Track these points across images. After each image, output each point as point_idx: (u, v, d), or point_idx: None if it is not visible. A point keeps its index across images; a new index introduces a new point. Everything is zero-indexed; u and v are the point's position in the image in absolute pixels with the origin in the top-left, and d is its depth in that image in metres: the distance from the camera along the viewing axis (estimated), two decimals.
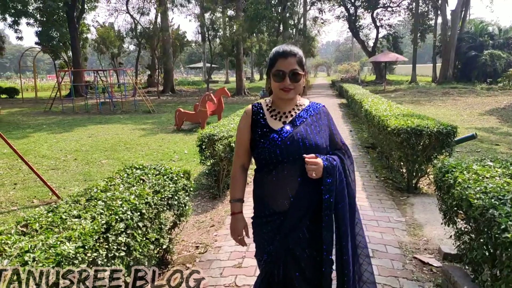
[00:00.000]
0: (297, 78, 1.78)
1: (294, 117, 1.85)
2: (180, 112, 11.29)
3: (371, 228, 3.74)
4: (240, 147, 1.93)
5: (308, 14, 35.43)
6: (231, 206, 1.98)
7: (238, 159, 1.96)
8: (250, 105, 1.96)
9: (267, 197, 1.84)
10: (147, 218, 2.49)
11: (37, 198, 5.26)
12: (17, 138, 10.26)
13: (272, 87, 1.83)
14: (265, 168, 1.82)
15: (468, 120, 11.72)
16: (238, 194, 1.96)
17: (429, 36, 39.80)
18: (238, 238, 1.98)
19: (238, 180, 1.96)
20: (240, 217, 1.96)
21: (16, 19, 25.01)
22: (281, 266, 1.84)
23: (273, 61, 1.79)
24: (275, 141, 1.76)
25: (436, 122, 4.85)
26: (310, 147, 1.77)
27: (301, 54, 1.82)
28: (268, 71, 1.84)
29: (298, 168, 1.75)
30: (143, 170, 3.18)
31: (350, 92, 14.46)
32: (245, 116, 1.90)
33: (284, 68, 1.76)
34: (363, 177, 5.63)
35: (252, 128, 1.86)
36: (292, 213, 1.77)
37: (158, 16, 27.98)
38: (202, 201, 4.94)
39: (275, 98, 1.88)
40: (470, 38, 29.45)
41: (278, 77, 1.78)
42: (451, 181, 2.59)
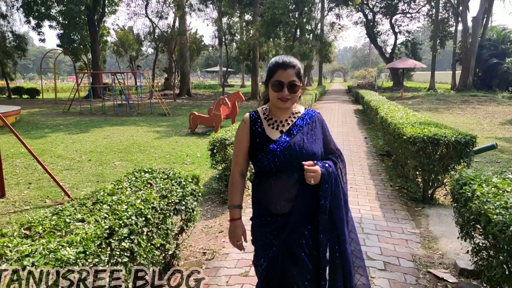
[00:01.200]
0: (295, 89, 1.86)
1: (290, 126, 1.91)
2: (194, 116, 11.32)
3: (384, 239, 3.62)
4: (239, 155, 1.98)
5: (326, 20, 35.29)
6: (230, 212, 2.01)
7: (237, 166, 2.00)
8: (247, 113, 2.00)
9: (266, 202, 1.89)
10: (152, 224, 2.45)
11: (50, 198, 5.31)
12: (35, 138, 10.46)
13: (270, 96, 1.91)
14: (264, 176, 1.88)
15: (488, 129, 11.38)
16: (237, 200, 1.99)
17: (449, 43, 39.12)
18: (236, 244, 2.01)
19: (237, 186, 2.00)
20: (239, 223, 1.99)
21: (39, 22, 25.65)
22: (279, 271, 1.84)
23: (273, 72, 1.86)
24: (274, 151, 1.83)
25: (454, 131, 4.70)
26: (307, 155, 1.84)
27: (299, 66, 1.90)
28: (267, 81, 1.91)
29: (297, 176, 1.82)
30: (152, 173, 3.15)
31: (366, 98, 14.27)
32: (244, 124, 1.95)
33: (283, 79, 1.83)
34: (377, 185, 5.50)
35: (251, 136, 1.92)
36: (294, 215, 1.83)
37: (176, 20, 28.32)
38: (212, 206, 4.90)
39: (272, 106, 1.95)
40: (492, 46, 28.78)
41: (277, 87, 1.84)
42: (469, 194, 2.47)
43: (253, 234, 1.98)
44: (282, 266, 1.84)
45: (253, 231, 1.98)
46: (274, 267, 1.85)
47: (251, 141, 1.91)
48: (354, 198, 4.86)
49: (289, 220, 1.83)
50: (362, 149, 8.30)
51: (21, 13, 26.05)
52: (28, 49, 30.72)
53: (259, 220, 1.92)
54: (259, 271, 1.94)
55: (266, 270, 1.87)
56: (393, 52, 39.14)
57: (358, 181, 5.70)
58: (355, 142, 9.13)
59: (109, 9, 30.39)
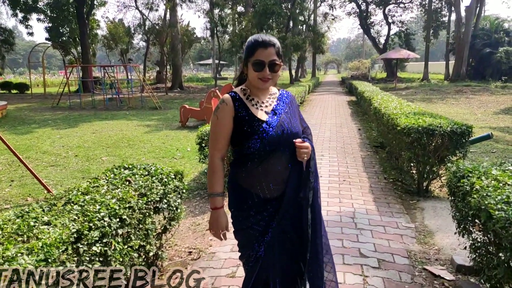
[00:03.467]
0: (276, 69, 1.80)
1: (274, 106, 1.88)
2: (185, 109, 11.10)
3: (377, 235, 3.47)
4: (220, 139, 1.84)
5: (319, 10, 34.95)
6: (212, 201, 1.87)
7: (217, 152, 1.86)
8: (226, 95, 1.87)
9: (258, 188, 1.82)
10: (129, 224, 2.27)
11: (32, 196, 5.11)
12: (22, 133, 10.18)
13: (250, 76, 1.83)
14: (253, 160, 1.80)
15: (482, 119, 11.30)
16: (219, 187, 1.86)
17: (442, 33, 39.05)
18: (220, 234, 1.88)
19: (218, 173, 1.86)
20: (222, 212, 1.87)
21: (26, 15, 25.07)
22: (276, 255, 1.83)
23: (253, 51, 1.79)
24: (267, 132, 1.77)
25: (450, 121, 4.55)
26: (293, 134, 1.84)
27: (279, 44, 1.84)
28: (246, 60, 1.82)
29: (288, 155, 1.81)
30: (132, 170, 2.96)
31: (359, 89, 14.12)
32: (225, 106, 1.82)
33: (264, 58, 1.77)
34: (371, 178, 5.35)
35: (235, 118, 1.81)
36: (288, 196, 1.82)
37: (168, 12, 27.86)
38: (201, 201, 4.73)
39: (251, 87, 1.87)
40: (485, 35, 28.70)
41: (258, 66, 1.77)
42: (467, 187, 2.32)
43: (239, 225, 1.88)
44: (278, 249, 1.83)
45: (239, 222, 1.88)
46: (270, 252, 1.82)
47: (235, 124, 1.81)
48: (347, 192, 4.72)
49: (283, 201, 1.82)
50: (355, 141, 8.16)
51: (8, 6, 25.41)
52: (15, 43, 30.07)
53: (244, 212, 1.84)
54: (250, 263, 1.86)
55: (262, 259, 1.81)
56: (387, 43, 38.93)
57: (352, 174, 5.56)
58: (349, 134, 8.98)
59: (98, 1, 29.80)
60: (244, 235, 1.89)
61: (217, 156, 1.85)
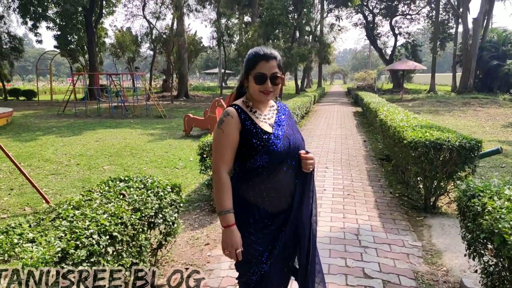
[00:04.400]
0: (277, 81, 1.79)
1: (275, 119, 1.87)
2: (189, 118, 11.05)
3: (383, 254, 3.32)
4: (227, 152, 1.77)
5: (325, 21, 35.05)
6: (223, 219, 1.76)
7: (224, 166, 1.77)
8: (230, 108, 1.82)
9: (265, 201, 1.79)
10: (120, 241, 2.16)
11: (30, 206, 5.02)
12: (25, 140, 10.17)
13: (252, 89, 1.81)
14: (264, 172, 1.76)
15: (490, 132, 11.10)
16: (230, 203, 1.76)
17: (449, 45, 38.91)
18: (236, 253, 1.76)
19: (227, 188, 1.77)
20: (236, 229, 1.77)
21: (35, 23, 25.38)
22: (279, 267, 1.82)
23: (254, 63, 1.78)
24: (276, 144, 1.76)
25: (458, 135, 4.41)
26: (297, 146, 1.84)
27: (280, 57, 1.83)
28: (247, 73, 1.81)
29: (295, 167, 1.81)
30: (128, 182, 2.87)
31: (365, 100, 14.00)
32: (231, 118, 1.77)
33: (266, 71, 1.76)
34: (376, 192, 5.20)
35: (242, 131, 1.77)
36: (295, 208, 1.81)
37: (175, 21, 28.08)
38: (201, 214, 4.61)
39: (252, 100, 1.85)
40: (493, 47, 28.52)
41: (260, 79, 1.76)
42: (478, 208, 2.19)
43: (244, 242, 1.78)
44: (281, 265, 1.82)
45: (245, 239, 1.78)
46: (274, 267, 1.80)
47: (241, 137, 1.76)
48: (351, 207, 4.57)
49: (292, 214, 1.81)
50: (360, 153, 8.01)
51: (18, 14, 25.77)
52: (24, 51, 30.44)
53: (251, 225, 1.79)
54: (252, 283, 1.79)
55: (267, 274, 1.77)
56: (393, 54, 38.88)
57: (356, 188, 5.41)
58: (354, 146, 8.84)
59: (107, 10, 30.13)
60: (246, 252, 1.79)
61: (224, 171, 1.76)
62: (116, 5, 30.53)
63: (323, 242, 3.53)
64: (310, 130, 11.64)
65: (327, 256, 3.26)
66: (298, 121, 12.89)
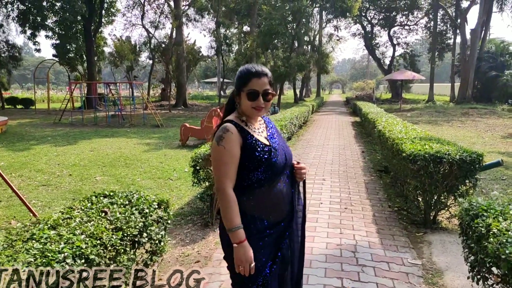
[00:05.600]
0: (268, 98, 1.85)
1: (267, 132, 1.93)
2: (186, 128, 10.92)
3: (381, 273, 3.17)
4: (231, 169, 1.78)
5: (324, 31, 35.22)
6: (236, 235, 1.74)
7: (229, 182, 1.78)
8: (227, 124, 1.83)
9: (266, 213, 1.83)
10: (98, 265, 2.01)
11: (16, 219, 4.86)
12: (19, 150, 10.02)
13: (244, 105, 1.85)
14: (265, 184, 1.81)
15: (490, 143, 10.99)
16: (238, 220, 1.76)
17: (447, 55, 39.07)
18: (249, 267, 1.75)
19: (235, 204, 1.76)
20: (247, 244, 1.76)
21: (34, 32, 25.39)
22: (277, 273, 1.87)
23: (246, 80, 1.82)
24: (276, 156, 1.83)
25: (459, 148, 4.28)
26: (290, 157, 1.96)
27: (270, 74, 1.89)
28: (239, 90, 1.85)
29: (290, 177, 1.92)
30: (112, 198, 2.72)
31: (363, 111, 13.91)
32: (231, 135, 1.79)
33: (258, 87, 1.81)
34: (374, 206, 5.05)
35: (243, 146, 1.80)
36: (290, 216, 1.91)
37: (174, 30, 28.14)
38: (193, 228, 4.45)
39: (244, 115, 1.88)
40: (491, 58, 28.63)
41: (252, 96, 1.81)
42: (482, 229, 2.05)
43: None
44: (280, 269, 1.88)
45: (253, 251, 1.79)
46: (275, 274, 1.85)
47: (243, 151, 1.80)
48: (349, 221, 4.42)
49: (289, 223, 1.91)
50: (358, 164, 7.88)
51: (17, 23, 25.80)
52: (22, 59, 30.42)
53: (258, 235, 1.80)
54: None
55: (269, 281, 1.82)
56: (392, 64, 39.01)
57: (354, 201, 5.26)
58: (352, 157, 8.71)
59: (106, 19, 30.23)
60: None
61: (230, 187, 1.77)
62: (115, 14, 30.64)
63: (318, 260, 3.37)
64: (308, 140, 11.52)
65: (323, 275, 3.10)
66: (296, 131, 12.77)
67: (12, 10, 25.88)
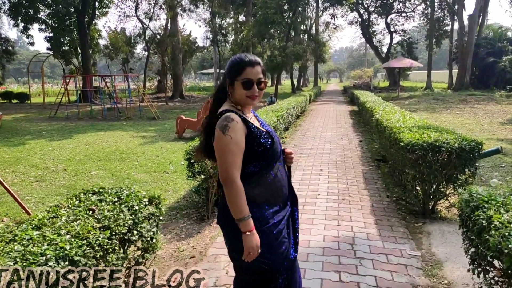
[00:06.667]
0: (262, 86, 1.87)
1: (260, 121, 1.97)
2: (182, 120, 10.80)
3: (379, 265, 3.11)
4: (239, 158, 1.78)
5: (320, 19, 34.85)
6: (246, 224, 1.75)
7: (237, 171, 1.77)
8: (230, 113, 1.81)
9: (276, 196, 1.89)
10: (84, 265, 1.93)
11: (9, 216, 4.78)
12: (13, 145, 9.90)
13: (238, 94, 1.85)
14: (271, 171, 1.86)
15: (488, 129, 10.92)
16: (247, 209, 1.76)
17: (445, 42, 38.76)
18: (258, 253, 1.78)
19: (243, 194, 1.76)
20: (255, 232, 1.78)
21: (26, 25, 25.04)
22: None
23: (240, 70, 1.83)
24: (276, 142, 1.89)
25: (457, 136, 4.20)
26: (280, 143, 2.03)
27: (262, 63, 1.91)
28: (232, 79, 1.85)
29: (282, 161, 1.99)
30: (102, 195, 2.64)
31: (361, 99, 13.81)
32: (237, 124, 1.78)
33: (252, 76, 1.83)
34: (372, 196, 4.99)
35: (248, 134, 1.81)
36: (291, 197, 2.01)
37: (169, 21, 27.79)
38: (188, 222, 4.38)
39: (239, 105, 1.88)
40: (489, 44, 28.43)
41: (247, 85, 1.82)
42: (483, 221, 1.97)
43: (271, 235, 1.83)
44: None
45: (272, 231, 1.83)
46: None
47: (248, 140, 1.81)
48: (346, 213, 4.35)
49: (290, 206, 2.00)
50: (356, 154, 7.80)
51: (9, 16, 25.41)
52: (16, 53, 30.05)
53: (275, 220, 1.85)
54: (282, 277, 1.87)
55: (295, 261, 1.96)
56: (389, 52, 38.75)
57: (352, 191, 5.19)
58: (350, 146, 8.63)
59: (100, 11, 29.81)
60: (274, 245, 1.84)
61: (238, 176, 1.77)
62: (109, 6, 30.20)
63: (315, 253, 3.31)
64: (306, 130, 11.42)
65: (320, 269, 3.04)
66: (293, 121, 12.66)
67: (3, 2, 25.50)
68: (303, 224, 3.94)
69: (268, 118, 7.71)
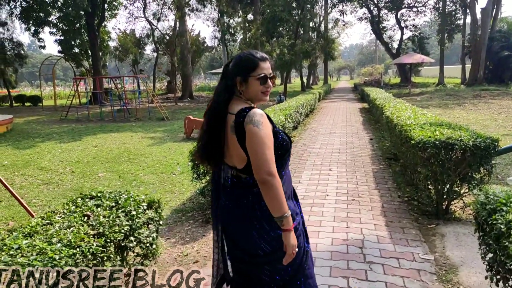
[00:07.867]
0: (273, 81, 1.88)
1: None
2: (190, 120, 10.75)
3: (390, 270, 2.96)
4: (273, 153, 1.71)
5: (329, 16, 34.52)
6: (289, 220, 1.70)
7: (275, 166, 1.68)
8: (256, 109, 1.79)
9: (291, 192, 1.91)
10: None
11: (15, 220, 4.76)
12: (24, 148, 9.97)
13: (253, 90, 1.83)
14: (284, 165, 1.84)
15: (504, 125, 10.59)
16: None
17: (457, 36, 38.06)
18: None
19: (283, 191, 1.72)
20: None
21: (37, 28, 25.35)
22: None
23: (254, 66, 1.81)
24: (291, 139, 1.89)
25: (472, 133, 4.01)
26: None
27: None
28: (246, 76, 1.81)
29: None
30: (99, 199, 2.55)
31: (371, 97, 13.57)
32: (266, 119, 1.76)
33: (266, 71, 1.83)
34: (383, 196, 4.82)
35: (274, 131, 1.80)
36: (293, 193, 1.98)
37: (177, 22, 27.82)
38: (194, 225, 4.29)
39: (252, 101, 1.86)
40: (503, 37, 27.76)
41: (263, 80, 1.81)
42: (501, 226, 1.82)
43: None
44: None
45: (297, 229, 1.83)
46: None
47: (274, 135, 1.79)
48: (356, 214, 4.21)
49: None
50: (367, 152, 7.62)
51: (20, 20, 25.77)
52: (28, 57, 30.48)
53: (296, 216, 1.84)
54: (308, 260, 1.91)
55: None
56: (400, 48, 38.14)
57: (362, 192, 5.04)
58: (360, 145, 8.44)
59: (109, 13, 30.03)
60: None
61: (276, 171, 1.67)
62: (118, 7, 30.41)
63: (323, 257, 3.17)
64: (315, 129, 11.26)
65: (327, 275, 2.91)
66: (302, 119, 12.50)
67: (15, 7, 25.84)
68: (310, 226, 3.81)
69: (276, 117, 7.58)
